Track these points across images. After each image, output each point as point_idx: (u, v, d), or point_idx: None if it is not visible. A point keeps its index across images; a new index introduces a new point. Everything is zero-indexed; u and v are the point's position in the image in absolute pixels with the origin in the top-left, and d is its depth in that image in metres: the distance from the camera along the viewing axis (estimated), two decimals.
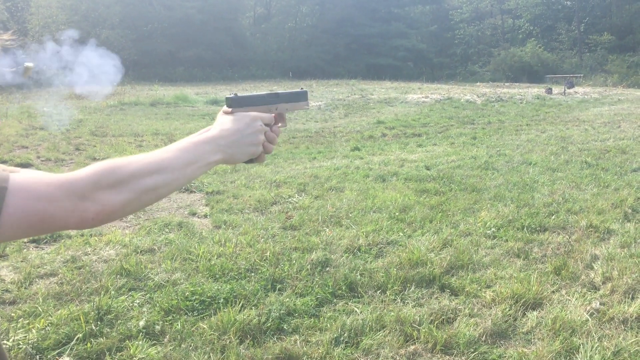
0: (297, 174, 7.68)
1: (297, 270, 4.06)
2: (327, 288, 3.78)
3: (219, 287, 3.76)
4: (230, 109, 1.13)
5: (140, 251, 4.55)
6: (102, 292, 3.68)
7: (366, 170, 7.84)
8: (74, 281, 3.90)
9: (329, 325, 3.29)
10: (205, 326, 3.25)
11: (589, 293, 3.74)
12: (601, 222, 5.16)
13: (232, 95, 1.15)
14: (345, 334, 3.17)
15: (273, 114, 1.21)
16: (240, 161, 1.13)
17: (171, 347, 3.06)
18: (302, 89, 1.33)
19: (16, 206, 0.81)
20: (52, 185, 0.85)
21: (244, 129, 1.10)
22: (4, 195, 0.80)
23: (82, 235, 4.92)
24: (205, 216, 5.72)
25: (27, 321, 3.30)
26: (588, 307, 3.47)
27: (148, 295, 3.71)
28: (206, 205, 6.12)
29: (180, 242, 4.71)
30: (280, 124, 1.24)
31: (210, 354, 2.99)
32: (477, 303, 3.61)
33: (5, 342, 3.06)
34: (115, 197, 0.90)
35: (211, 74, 40.74)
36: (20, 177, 0.84)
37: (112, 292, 3.70)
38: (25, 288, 3.82)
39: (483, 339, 3.15)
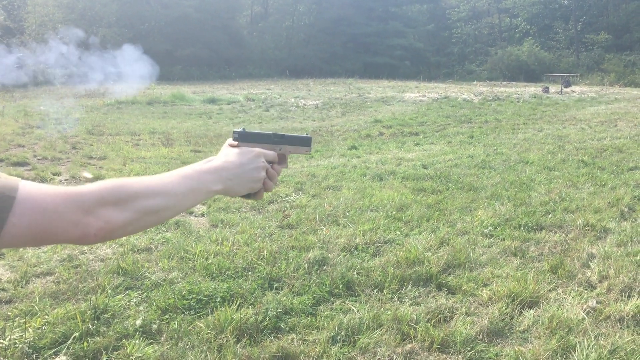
0: (294, 172, 7.68)
1: (294, 269, 4.06)
2: (324, 287, 3.78)
3: (216, 286, 3.76)
4: (236, 142, 1.16)
5: (137, 250, 4.54)
6: (99, 291, 3.67)
7: (363, 169, 7.84)
8: (71, 280, 3.89)
9: (326, 324, 3.29)
10: (202, 325, 3.25)
11: (586, 292, 3.75)
12: (598, 221, 5.17)
13: (240, 130, 1.18)
14: (342, 333, 3.17)
15: (276, 153, 1.23)
16: (239, 194, 1.15)
17: (168, 346, 3.05)
18: (307, 134, 1.35)
19: (22, 217, 0.82)
20: (58, 198, 0.86)
21: (247, 164, 1.13)
22: (11, 205, 0.81)
23: None
24: (203, 215, 5.71)
25: (24, 320, 3.29)
26: (584, 306, 3.48)
27: (145, 294, 3.71)
28: (203, 204, 6.11)
29: (177, 241, 4.70)
30: (281, 165, 1.25)
31: (207, 353, 2.98)
32: (474, 302, 3.61)
33: (1, 341, 3.05)
34: (118, 215, 0.91)
35: (208, 72, 40.68)
36: (28, 187, 0.85)
37: (109, 291, 3.70)
38: (21, 287, 3.82)
39: (480, 337, 3.15)
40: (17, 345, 3.00)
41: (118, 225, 0.91)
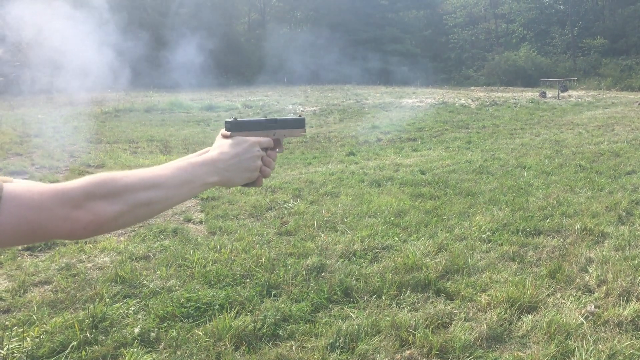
0: (292, 179, 7.68)
1: (293, 276, 4.06)
2: (322, 293, 3.78)
3: (215, 293, 3.76)
4: (229, 133, 1.16)
5: (135, 258, 4.54)
6: (97, 300, 3.67)
7: (361, 175, 7.84)
8: (69, 289, 3.89)
9: (324, 330, 3.29)
10: (200, 333, 3.24)
11: (584, 296, 3.75)
12: (595, 225, 5.18)
13: (231, 120, 1.17)
14: (341, 340, 3.16)
15: (271, 139, 1.23)
16: (237, 185, 1.15)
17: (166, 354, 3.05)
18: (300, 116, 1.35)
19: (10, 215, 0.82)
20: (45, 194, 0.86)
21: (242, 154, 1.13)
22: None
23: (77, 242, 4.90)
24: (201, 222, 5.71)
25: (22, 329, 3.28)
26: (583, 311, 3.48)
27: (143, 302, 3.70)
28: (201, 211, 6.11)
29: (175, 249, 4.70)
30: (277, 149, 1.26)
31: None
32: (473, 307, 3.61)
33: (0, 350, 3.05)
34: (108, 208, 0.90)
35: (206, 79, 40.66)
36: (13, 186, 0.85)
37: (107, 300, 3.69)
38: (19, 296, 3.81)
39: (478, 343, 3.15)
40: (15, 354, 2.99)
41: (108, 218, 0.91)
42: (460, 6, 52.87)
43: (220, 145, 1.13)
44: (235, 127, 1.17)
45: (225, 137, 1.16)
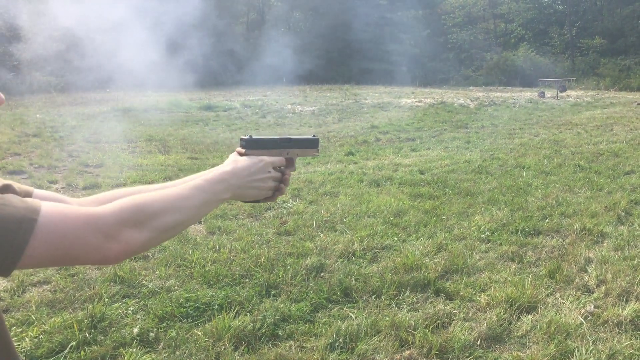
0: (291, 179, 7.64)
1: (292, 276, 4.06)
2: (321, 293, 3.78)
3: (214, 293, 3.75)
4: (244, 150, 1.18)
5: (134, 258, 4.53)
6: (96, 300, 3.66)
7: (360, 175, 7.84)
8: (67, 289, 3.88)
9: (324, 330, 3.28)
10: (199, 333, 3.24)
11: (583, 296, 3.75)
12: (595, 225, 5.18)
13: (247, 137, 1.20)
14: (340, 340, 3.16)
15: (283, 158, 1.25)
16: (247, 200, 1.19)
17: (165, 355, 3.04)
18: (314, 136, 1.36)
19: (43, 240, 0.83)
20: (79, 221, 0.87)
21: (255, 173, 1.16)
22: (33, 227, 0.82)
23: None
24: (200, 222, 5.70)
25: (20, 329, 3.27)
26: (582, 311, 3.48)
27: (142, 302, 3.69)
28: None
29: (174, 249, 4.69)
30: (290, 168, 1.27)
31: None
32: (472, 307, 3.61)
33: None
34: (138, 236, 0.92)
35: (204, 79, 40.63)
36: (50, 211, 0.86)
37: (106, 300, 3.68)
38: (18, 296, 3.80)
39: (478, 343, 3.15)
40: None
41: (138, 246, 0.93)
42: (459, 6, 52.88)
43: (235, 161, 1.15)
44: (250, 145, 1.19)
45: (240, 154, 1.18)
